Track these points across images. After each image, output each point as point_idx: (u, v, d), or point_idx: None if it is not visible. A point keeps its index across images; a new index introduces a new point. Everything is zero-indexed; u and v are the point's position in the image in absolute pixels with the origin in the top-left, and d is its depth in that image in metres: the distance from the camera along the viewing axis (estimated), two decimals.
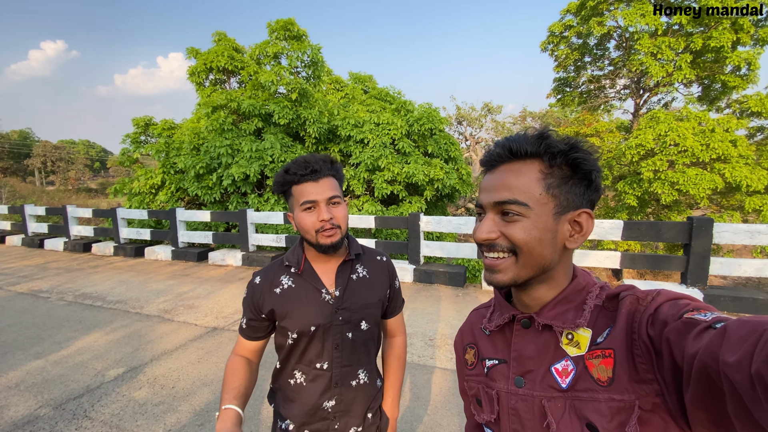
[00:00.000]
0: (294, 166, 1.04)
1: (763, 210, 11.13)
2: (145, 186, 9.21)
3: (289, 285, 1.11)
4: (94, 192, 37.86)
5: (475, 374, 0.76)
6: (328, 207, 1.05)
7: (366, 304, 1.14)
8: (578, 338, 0.62)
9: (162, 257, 7.78)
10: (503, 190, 0.62)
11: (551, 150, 0.61)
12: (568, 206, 0.63)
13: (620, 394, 0.55)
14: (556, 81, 17.04)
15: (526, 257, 0.62)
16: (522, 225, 0.61)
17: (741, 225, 4.63)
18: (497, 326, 0.72)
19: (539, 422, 0.63)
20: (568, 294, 0.65)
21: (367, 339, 1.15)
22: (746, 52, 11.82)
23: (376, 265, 1.20)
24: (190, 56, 10.09)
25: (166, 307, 4.81)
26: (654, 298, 0.56)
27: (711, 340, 0.43)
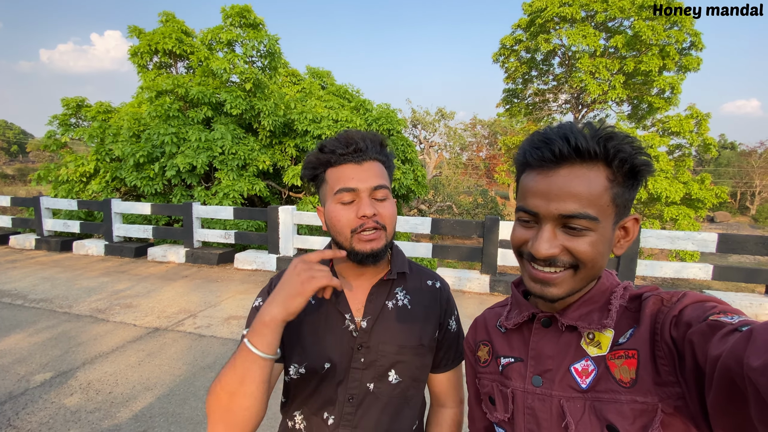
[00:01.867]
0: (332, 142, 0.80)
1: (678, 219, 12.51)
2: (74, 173, 8.36)
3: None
4: (11, 178, 33.71)
5: (488, 372, 0.73)
6: (371, 200, 0.78)
7: (401, 346, 0.83)
8: (600, 338, 0.60)
9: (93, 252, 7.11)
10: (569, 201, 0.55)
11: (620, 154, 0.55)
12: (624, 214, 0.59)
13: (643, 396, 0.54)
14: (505, 92, 17.93)
15: (588, 271, 0.58)
16: (590, 240, 0.56)
17: (663, 231, 5.17)
18: (515, 324, 0.69)
19: (557, 422, 0.61)
20: (593, 294, 0.63)
21: (397, 399, 0.83)
22: (671, 77, 13.21)
23: (424, 293, 0.88)
24: (132, 35, 9.32)
25: (99, 306, 4.40)
26: (679, 299, 0.54)
27: (736, 343, 0.41)
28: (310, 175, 0.84)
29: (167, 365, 3.09)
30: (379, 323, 0.82)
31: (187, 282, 5.46)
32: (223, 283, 5.45)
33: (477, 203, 19.98)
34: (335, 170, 0.79)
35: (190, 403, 2.60)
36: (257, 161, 7.97)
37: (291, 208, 6.13)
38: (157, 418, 2.43)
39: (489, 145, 32.50)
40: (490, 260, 5.44)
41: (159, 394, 2.70)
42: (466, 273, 5.59)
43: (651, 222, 12.98)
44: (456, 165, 26.78)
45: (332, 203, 0.79)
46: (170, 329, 3.81)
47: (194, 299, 4.70)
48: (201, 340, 3.57)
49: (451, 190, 20.53)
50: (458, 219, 5.68)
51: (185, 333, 3.72)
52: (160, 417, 2.44)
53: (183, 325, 3.90)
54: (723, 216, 35.72)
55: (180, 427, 2.35)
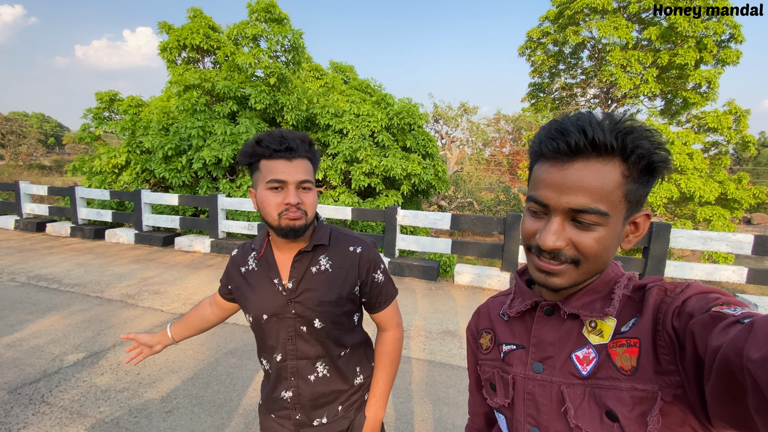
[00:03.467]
0: (268, 138, 0.95)
1: (712, 220, 11.95)
2: (107, 165, 8.71)
3: (252, 267, 1.09)
4: (48, 169, 35.43)
5: (490, 358, 0.75)
6: (297, 191, 0.96)
7: (321, 301, 1.04)
8: (602, 327, 0.61)
9: (124, 241, 7.41)
10: (581, 195, 0.55)
11: (638, 150, 0.54)
12: (636, 209, 0.59)
13: (643, 384, 0.55)
14: (531, 86, 17.52)
15: (591, 265, 0.59)
16: (597, 235, 0.56)
17: (695, 231, 4.96)
18: (518, 312, 0.70)
19: (556, 408, 0.62)
20: (597, 284, 0.63)
21: (323, 337, 1.07)
22: (707, 71, 12.57)
23: (344, 257, 1.08)
24: (161, 31, 9.59)
25: (129, 292, 4.59)
26: (683, 290, 0.55)
27: (737, 335, 0.42)
28: (247, 162, 1.00)
29: (192, 350, 3.20)
30: (303, 284, 1.04)
31: (212, 271, 5.62)
32: None
33: (499, 200, 19.65)
34: (269, 162, 0.95)
35: (213, 386, 2.69)
36: None
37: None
38: (181, 399, 2.53)
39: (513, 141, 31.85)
40: (511, 257, 5.36)
41: (184, 377, 2.80)
42: (485, 270, 5.54)
43: (683, 222, 12.45)
44: (478, 161, 26.41)
45: (263, 189, 0.97)
46: None
47: (217, 287, 4.84)
48: (224, 327, 3.67)
49: (473, 187, 20.28)
50: (479, 215, 5.62)
51: None
52: (184, 398, 2.54)
53: None
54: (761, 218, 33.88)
55: (202, 409, 2.44)
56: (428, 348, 3.39)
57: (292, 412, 1.09)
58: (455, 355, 3.29)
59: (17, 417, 2.29)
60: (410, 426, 2.38)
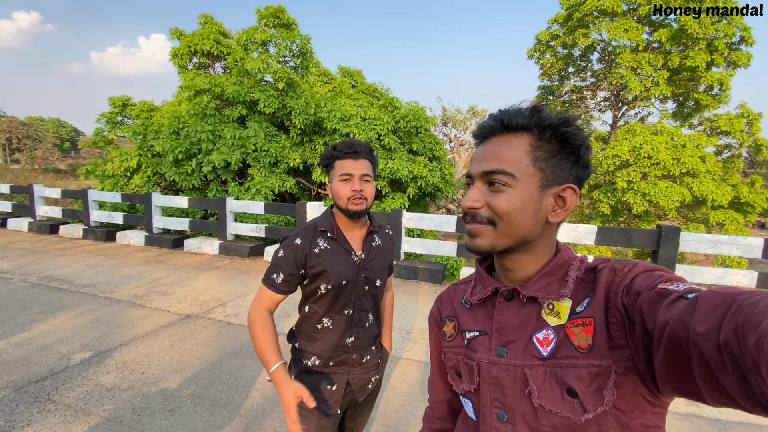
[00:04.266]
0: (341, 145, 1.28)
1: (725, 224, 11.72)
2: (119, 168, 8.89)
3: (325, 247, 1.33)
4: (63, 173, 36.22)
5: (454, 346, 0.77)
6: (360, 181, 1.27)
7: (382, 266, 1.42)
8: (558, 308, 0.64)
9: (134, 242, 7.54)
10: (492, 161, 0.64)
11: (541, 123, 0.62)
12: (554, 180, 0.64)
13: (599, 360, 0.58)
14: (540, 89, 17.41)
15: (505, 226, 0.63)
16: (507, 196, 0.63)
17: (705, 235, 4.87)
18: (479, 299, 0.73)
19: (521, 390, 0.65)
20: (552, 268, 0.67)
21: (377, 292, 1.44)
22: (719, 73, 12.38)
23: (386, 238, 1.49)
24: (173, 37, 9.79)
25: (137, 293, 4.67)
26: (630, 269, 0.59)
27: (682, 310, 0.45)
28: (325, 163, 1.34)
29: (196, 350, 3.24)
30: (371, 254, 1.39)
31: (220, 273, 5.69)
32: (252, 274, 5.64)
33: None
34: (341, 162, 1.29)
35: (216, 386, 2.72)
36: (288, 158, 8.17)
37: (318, 204, 6.25)
38: (185, 398, 2.56)
39: None
40: None
41: (187, 376, 2.84)
42: None
43: (695, 226, 12.22)
44: None
45: (338, 181, 1.29)
46: (201, 316, 3.99)
47: (225, 289, 4.89)
48: (229, 327, 3.71)
49: None
50: None
51: (215, 320, 3.88)
52: (188, 398, 2.57)
53: (213, 313, 4.08)
54: None
55: (205, 408, 2.47)
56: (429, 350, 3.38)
57: (350, 354, 1.37)
58: None
59: (22, 414, 2.34)
60: (410, 428, 2.38)
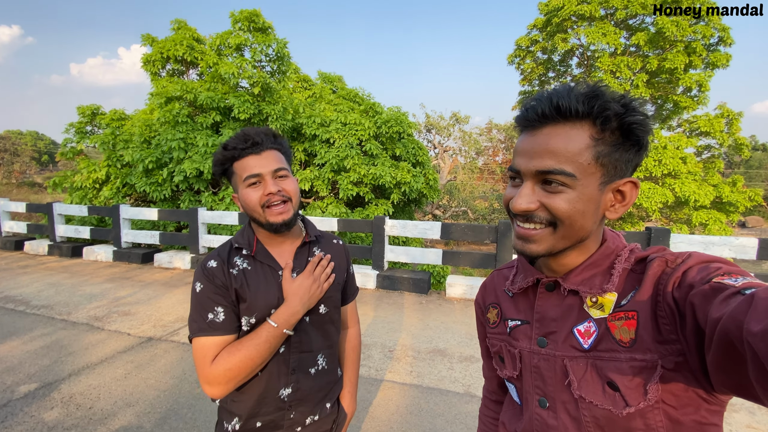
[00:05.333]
0: (233, 140, 0.96)
1: (708, 224, 11.81)
2: (87, 180, 8.43)
3: (245, 267, 0.99)
4: (38, 186, 34.96)
5: (497, 333, 0.77)
6: (275, 180, 0.96)
7: None
8: (602, 301, 0.61)
9: (102, 258, 7.09)
10: (547, 158, 0.57)
11: (606, 113, 0.54)
12: (615, 175, 0.59)
13: (642, 354, 0.56)
14: (521, 94, 17.51)
15: (567, 229, 0.59)
16: (566, 197, 0.57)
17: (695, 236, 4.74)
18: (520, 289, 0.71)
19: (561, 380, 0.64)
20: (597, 259, 0.63)
21: (325, 322, 1.07)
22: (698, 75, 12.56)
23: (333, 249, 1.14)
24: (145, 43, 9.41)
25: (97, 314, 4.28)
26: (684, 260, 0.55)
27: (737, 307, 0.42)
28: (220, 170, 0.99)
29: (154, 379, 2.90)
30: None
31: (189, 289, 5.31)
32: None
33: (493, 208, 19.49)
34: (240, 162, 0.96)
35: (170, 422, 2.39)
36: None
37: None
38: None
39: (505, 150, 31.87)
40: None
41: (139, 410, 2.50)
42: (479, 281, 5.28)
43: (679, 227, 12.29)
44: (471, 170, 26.35)
45: (243, 188, 0.96)
46: (164, 339, 3.64)
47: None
48: (189, 350, 3.38)
49: (467, 195, 20.12)
50: (470, 223, 5.40)
51: (178, 344, 3.54)
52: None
53: (177, 335, 3.73)
54: (755, 221, 33.89)
55: None
56: (415, 370, 3.11)
57: (287, 412, 1.00)
58: (444, 377, 3.00)
59: None
60: None
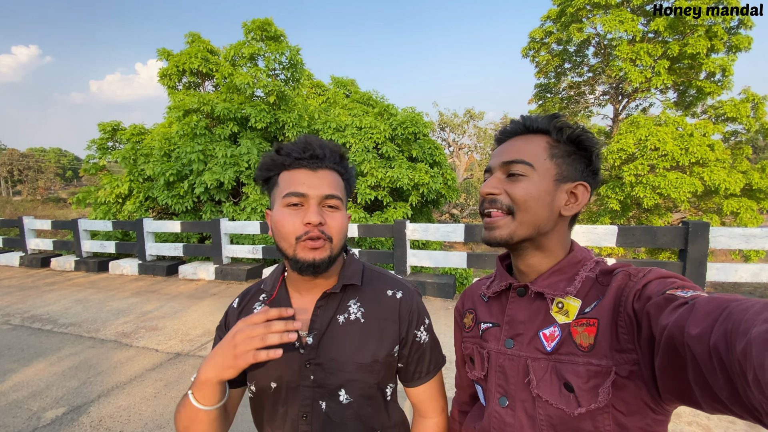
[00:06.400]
0: (289, 146, 0.76)
1: (740, 212, 11.30)
2: (110, 195, 8.61)
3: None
4: (64, 202, 36.17)
5: (471, 336, 0.80)
6: (321, 208, 0.74)
7: (348, 362, 0.76)
8: (568, 307, 0.65)
9: (128, 272, 7.20)
10: (512, 153, 0.68)
11: (559, 126, 0.68)
12: (568, 177, 0.68)
13: (599, 360, 0.59)
14: (537, 87, 17.15)
15: (523, 214, 0.66)
16: (524, 185, 0.67)
17: (736, 229, 4.49)
18: (494, 293, 0.76)
19: (522, 379, 0.67)
20: (564, 266, 0.68)
21: (350, 418, 0.77)
22: (721, 59, 12.06)
23: (381, 304, 0.81)
24: (161, 58, 9.58)
25: (125, 330, 4.31)
26: (645, 275, 0.59)
27: (681, 314, 0.46)
28: (264, 176, 0.79)
29: None
30: (328, 338, 0.78)
31: (215, 300, 5.33)
32: None
33: None
34: (288, 174, 0.76)
35: None
36: None
37: None
38: None
39: None
40: None
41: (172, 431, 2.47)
42: None
43: (709, 216, 11.79)
44: None
45: (280, 206, 0.75)
46: (191, 354, 3.62)
47: (219, 320, 4.53)
48: None
49: None
50: None
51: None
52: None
53: (205, 349, 3.71)
54: None
55: None
56: (447, 382, 3.00)
57: None
58: None
59: None
60: None
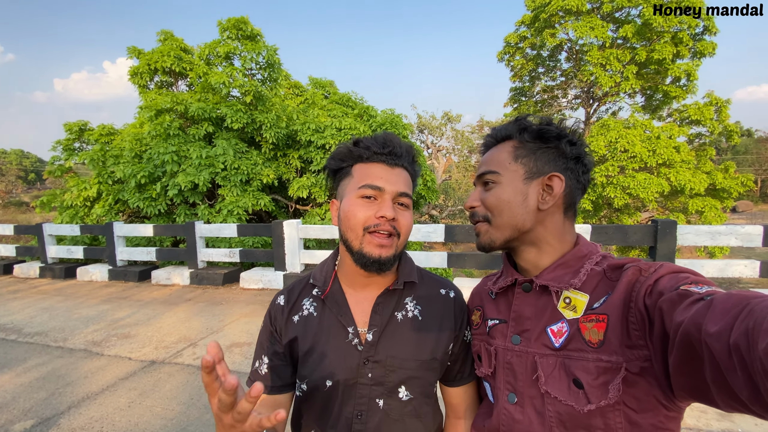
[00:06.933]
0: (368, 140, 0.78)
1: (704, 211, 11.87)
2: (78, 198, 8.22)
3: (310, 312, 0.80)
4: (26, 206, 34.36)
5: (478, 333, 0.80)
6: (394, 205, 0.76)
7: (409, 359, 0.76)
8: (575, 302, 0.65)
9: (97, 278, 6.89)
10: (483, 166, 0.74)
11: (520, 128, 0.72)
12: (538, 172, 0.70)
13: (608, 356, 0.58)
14: (512, 90, 17.54)
15: (496, 219, 0.70)
16: (494, 192, 0.71)
17: (702, 226, 4.70)
18: (500, 288, 0.75)
19: (530, 376, 0.66)
20: (569, 259, 0.69)
21: (407, 415, 0.77)
22: (686, 64, 12.65)
23: (437, 303, 0.82)
24: (131, 56, 9.24)
25: (95, 338, 4.12)
26: (656, 270, 0.58)
27: (697, 311, 0.45)
28: (336, 165, 0.81)
29: (159, 406, 2.76)
30: (387, 336, 0.78)
31: (190, 306, 5.16)
32: (227, 305, 5.14)
33: None
34: (365, 166, 0.78)
35: None
36: (261, 175, 7.71)
37: (296, 222, 5.82)
38: None
39: None
40: None
41: None
42: None
43: (676, 215, 12.33)
44: (465, 168, 26.37)
45: (353, 197, 0.76)
46: (167, 362, 3.49)
47: (196, 325, 4.39)
48: (199, 373, 3.24)
49: (462, 194, 20.10)
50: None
51: (183, 366, 3.40)
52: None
53: (181, 356, 3.58)
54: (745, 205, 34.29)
55: None
56: None
57: None
58: None
59: None
60: None
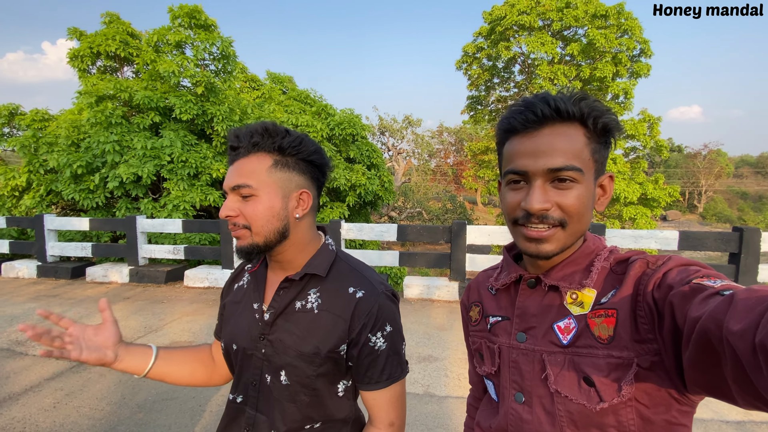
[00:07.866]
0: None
1: (636, 218, 12.96)
2: (5, 188, 7.53)
3: (244, 283, 0.90)
4: None
5: (478, 330, 0.78)
6: (235, 195, 0.75)
7: (291, 348, 0.78)
8: (582, 298, 0.63)
9: (24, 274, 6.35)
10: (557, 156, 0.59)
11: (594, 113, 0.59)
12: (601, 170, 0.63)
13: (619, 352, 0.57)
14: (469, 99, 18.15)
15: (576, 225, 0.61)
16: (576, 193, 0.60)
17: (627, 230, 5.17)
18: (503, 285, 0.73)
19: (538, 375, 0.65)
20: (577, 257, 0.65)
21: (286, 399, 0.79)
22: (624, 83, 13.74)
23: (339, 300, 0.79)
24: (71, 37, 8.60)
25: (19, 338, 3.81)
26: (664, 263, 0.57)
27: (717, 307, 0.42)
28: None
29: (88, 407, 2.62)
30: (281, 320, 0.80)
31: (128, 304, 4.91)
32: (169, 303, 4.94)
33: (446, 208, 20.07)
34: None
35: None
36: (211, 169, 7.46)
37: None
38: None
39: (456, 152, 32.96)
40: (459, 266, 5.24)
41: None
42: (434, 281, 5.36)
43: (611, 222, 13.38)
44: (425, 171, 26.93)
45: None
46: None
47: (133, 324, 4.19)
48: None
49: (421, 197, 20.52)
50: (425, 225, 5.47)
51: None
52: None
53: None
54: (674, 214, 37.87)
55: None
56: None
57: None
58: None
59: None
60: None
